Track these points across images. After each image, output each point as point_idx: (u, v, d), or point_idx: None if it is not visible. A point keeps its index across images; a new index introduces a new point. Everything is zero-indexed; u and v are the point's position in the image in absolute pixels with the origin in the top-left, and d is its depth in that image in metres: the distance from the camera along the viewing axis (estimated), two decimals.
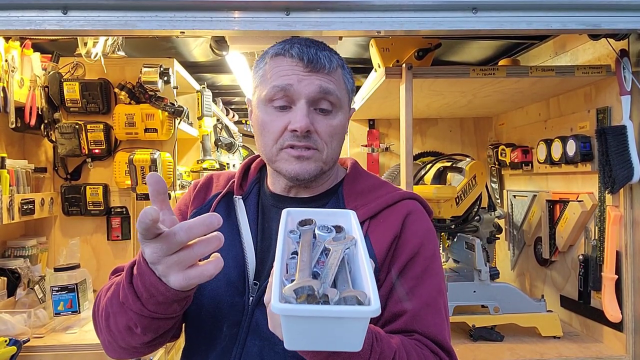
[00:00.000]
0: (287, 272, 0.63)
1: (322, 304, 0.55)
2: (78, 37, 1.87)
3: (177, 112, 2.08)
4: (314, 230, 0.70)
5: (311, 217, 0.72)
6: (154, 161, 1.99)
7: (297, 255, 0.64)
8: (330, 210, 0.79)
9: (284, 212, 0.73)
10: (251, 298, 0.86)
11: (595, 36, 1.49)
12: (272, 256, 0.86)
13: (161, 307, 0.72)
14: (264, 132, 0.89)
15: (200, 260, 0.68)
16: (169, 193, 2.13)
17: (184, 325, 0.95)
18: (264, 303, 0.65)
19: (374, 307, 0.54)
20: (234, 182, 0.98)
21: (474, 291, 1.66)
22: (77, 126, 2.05)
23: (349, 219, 0.73)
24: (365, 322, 0.56)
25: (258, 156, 1.03)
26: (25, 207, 1.83)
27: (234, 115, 3.72)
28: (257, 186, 0.98)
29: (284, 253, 0.65)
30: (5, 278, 1.87)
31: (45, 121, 2.05)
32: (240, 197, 0.96)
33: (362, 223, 0.87)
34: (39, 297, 1.84)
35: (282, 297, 0.55)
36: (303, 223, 0.71)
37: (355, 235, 0.69)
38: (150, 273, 0.68)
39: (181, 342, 0.96)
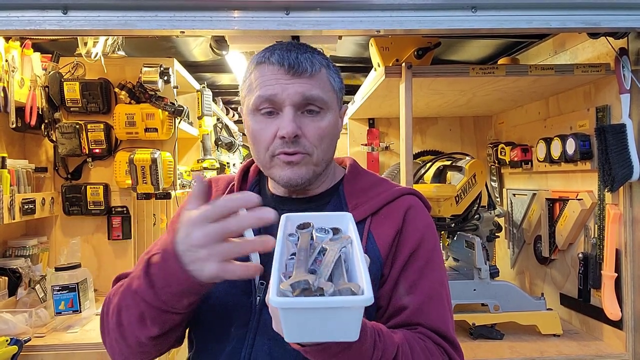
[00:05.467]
0: (286, 271, 0.65)
1: (317, 296, 0.58)
2: (78, 37, 1.87)
3: (177, 112, 2.08)
4: (312, 233, 0.72)
5: (309, 220, 0.74)
6: (154, 161, 2.00)
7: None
8: (327, 214, 0.81)
9: (283, 217, 0.75)
10: (258, 298, 0.87)
11: (594, 35, 1.49)
12: None
13: (172, 299, 0.72)
14: (256, 141, 0.90)
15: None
16: (169, 192, 2.14)
17: (190, 329, 0.95)
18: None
19: (367, 296, 0.57)
20: (233, 185, 0.99)
21: (474, 289, 1.66)
22: (77, 126, 2.06)
23: (346, 222, 0.76)
24: (359, 312, 0.59)
25: None
26: (26, 206, 1.83)
27: (234, 115, 3.72)
28: (257, 188, 0.99)
29: (283, 253, 0.67)
30: (6, 278, 1.87)
31: (46, 121, 2.05)
32: None
33: (364, 220, 0.89)
34: (40, 297, 1.84)
35: (280, 292, 0.58)
36: (301, 226, 0.73)
37: (351, 235, 0.71)
38: (175, 260, 0.69)
39: (174, 351, 0.96)
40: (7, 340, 1.45)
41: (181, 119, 2.15)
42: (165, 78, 2.05)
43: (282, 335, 0.63)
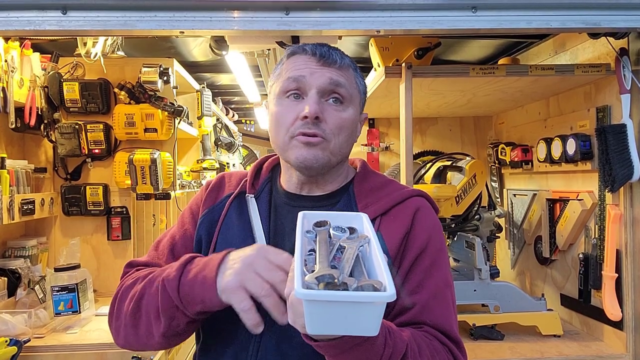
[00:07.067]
0: (305, 266, 0.67)
1: (342, 291, 0.59)
2: (78, 37, 1.87)
3: (176, 112, 2.08)
4: (329, 231, 0.74)
5: (326, 219, 0.76)
6: (153, 161, 1.99)
7: (315, 252, 0.69)
8: (343, 213, 0.83)
9: (300, 214, 0.77)
10: None
11: (594, 35, 1.49)
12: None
13: (190, 306, 0.78)
14: (277, 123, 0.92)
15: None
16: (169, 193, 2.13)
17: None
18: (284, 296, 0.68)
19: (390, 292, 0.58)
20: (246, 181, 1.01)
21: (475, 290, 1.66)
22: (77, 126, 2.05)
23: (361, 221, 0.78)
24: (382, 308, 0.60)
25: (270, 157, 1.06)
26: (25, 207, 1.83)
27: (233, 115, 3.72)
28: (269, 185, 1.01)
29: (302, 249, 0.69)
30: (6, 278, 1.87)
31: (45, 121, 2.05)
32: (253, 195, 0.98)
33: (374, 219, 0.91)
34: (40, 297, 1.84)
35: (305, 285, 0.60)
36: (318, 224, 0.75)
37: (368, 235, 0.73)
38: (213, 288, 0.76)
39: (181, 344, 0.97)
40: (6, 341, 1.45)
41: (181, 119, 2.15)
42: (165, 78, 2.05)
43: (299, 331, 0.65)
